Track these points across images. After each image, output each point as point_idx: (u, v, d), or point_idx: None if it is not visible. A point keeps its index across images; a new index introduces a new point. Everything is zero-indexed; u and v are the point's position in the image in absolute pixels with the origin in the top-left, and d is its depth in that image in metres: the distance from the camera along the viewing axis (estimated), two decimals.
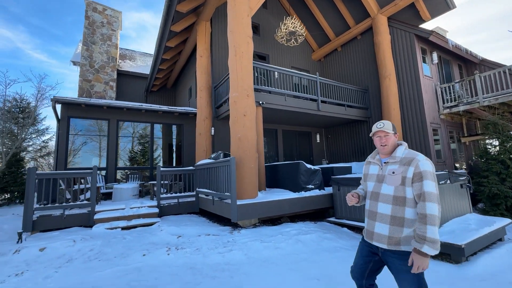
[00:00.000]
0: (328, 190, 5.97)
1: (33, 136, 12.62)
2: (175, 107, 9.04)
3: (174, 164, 9.52)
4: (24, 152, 11.62)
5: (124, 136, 8.66)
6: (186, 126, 9.49)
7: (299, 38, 8.82)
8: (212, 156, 6.11)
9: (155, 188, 6.79)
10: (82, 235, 4.39)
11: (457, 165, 8.60)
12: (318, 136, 11.04)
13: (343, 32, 10.39)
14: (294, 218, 5.77)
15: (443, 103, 8.25)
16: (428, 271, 3.14)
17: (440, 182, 4.22)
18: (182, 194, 6.48)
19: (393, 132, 1.73)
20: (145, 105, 8.37)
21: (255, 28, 10.32)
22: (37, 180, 5.05)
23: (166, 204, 6.19)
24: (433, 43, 8.48)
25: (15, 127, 11.91)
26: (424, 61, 8.40)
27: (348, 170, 7.08)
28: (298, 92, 8.14)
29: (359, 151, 9.85)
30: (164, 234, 4.50)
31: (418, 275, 1.53)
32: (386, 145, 1.72)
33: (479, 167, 7.62)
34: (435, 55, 8.50)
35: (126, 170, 8.42)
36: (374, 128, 1.78)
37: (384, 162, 1.74)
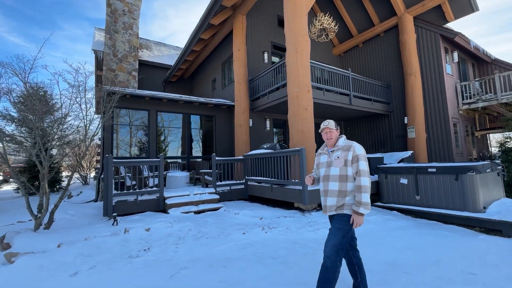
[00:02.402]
0: (374, 177, 6.58)
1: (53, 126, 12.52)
2: (211, 99, 9.32)
3: (201, 154, 9.77)
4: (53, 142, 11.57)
5: (160, 126, 8.88)
6: (218, 117, 9.80)
7: (331, 34, 9.20)
8: (266, 146, 6.54)
9: (206, 176, 7.19)
10: (171, 218, 4.78)
11: (469, 156, 9.43)
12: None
13: (366, 29, 10.85)
14: None
15: (462, 99, 8.97)
16: (490, 243, 3.80)
17: (487, 171, 4.89)
18: (234, 181, 6.91)
19: (335, 128, 2.22)
20: (184, 97, 8.62)
21: (283, 22, 10.58)
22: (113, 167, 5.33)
23: (221, 191, 6.62)
24: (454, 43, 9.11)
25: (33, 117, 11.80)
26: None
27: (381, 160, 7.70)
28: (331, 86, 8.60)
29: (379, 143, 10.53)
30: (242, 217, 4.96)
31: (342, 231, 2.05)
32: (331, 138, 2.21)
33: (488, 158, 8.51)
34: (455, 55, 9.14)
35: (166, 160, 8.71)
36: (322, 126, 2.25)
37: (331, 151, 2.22)
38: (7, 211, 6.92)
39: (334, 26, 8.85)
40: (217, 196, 6.18)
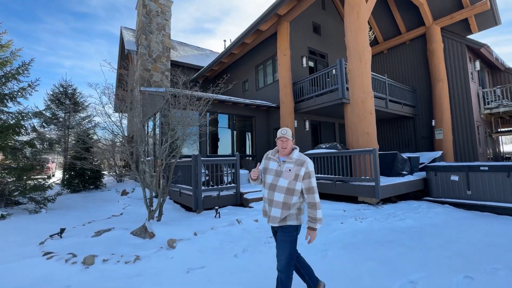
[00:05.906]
0: (417, 175, 7.30)
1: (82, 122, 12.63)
2: (254, 100, 9.79)
3: (235, 152, 10.23)
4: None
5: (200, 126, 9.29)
6: (258, 118, 10.29)
7: None
8: (325, 146, 7.12)
9: None
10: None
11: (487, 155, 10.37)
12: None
13: (392, 37, 11.61)
14: (394, 198, 7.02)
15: (484, 104, 9.88)
16: None
17: None
18: None
19: (292, 138, 2.17)
20: (233, 98, 9.07)
21: (317, 29, 11.18)
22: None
23: None
24: (477, 53, 9.99)
25: (62, 113, 11.94)
26: None
27: (417, 159, 8.44)
28: None
29: (404, 143, 11.34)
30: (324, 210, 5.50)
31: (291, 243, 2.07)
32: (286, 147, 2.14)
33: (501, 157, 9.46)
34: (477, 64, 10.03)
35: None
36: (279, 134, 2.17)
37: (283, 161, 2.14)
38: (75, 207, 7.20)
39: (372, 34, 9.52)
40: None
